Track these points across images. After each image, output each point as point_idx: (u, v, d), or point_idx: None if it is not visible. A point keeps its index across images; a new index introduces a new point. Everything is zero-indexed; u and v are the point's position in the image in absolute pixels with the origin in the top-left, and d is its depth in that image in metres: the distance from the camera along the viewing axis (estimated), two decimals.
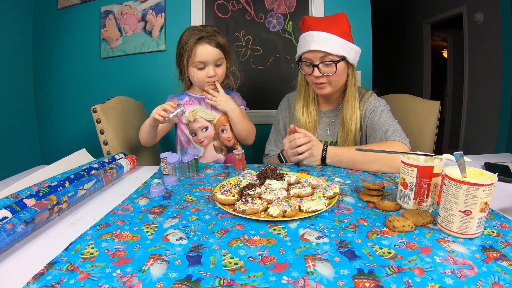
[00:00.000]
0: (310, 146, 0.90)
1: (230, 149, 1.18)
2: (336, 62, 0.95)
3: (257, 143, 1.30)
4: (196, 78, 1.10)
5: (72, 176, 0.74)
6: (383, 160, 0.86)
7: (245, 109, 1.25)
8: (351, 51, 0.97)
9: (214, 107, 1.16)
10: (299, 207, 0.59)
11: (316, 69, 0.97)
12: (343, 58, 0.96)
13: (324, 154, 0.93)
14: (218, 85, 1.12)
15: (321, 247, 0.47)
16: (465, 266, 0.42)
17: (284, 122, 1.20)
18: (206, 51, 1.05)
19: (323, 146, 0.93)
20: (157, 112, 0.94)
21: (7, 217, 0.51)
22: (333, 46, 0.93)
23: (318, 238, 0.50)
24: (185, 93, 1.19)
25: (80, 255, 0.46)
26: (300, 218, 0.57)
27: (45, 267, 0.43)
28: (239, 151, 0.93)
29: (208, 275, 0.41)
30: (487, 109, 2.86)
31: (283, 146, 0.95)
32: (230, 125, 1.18)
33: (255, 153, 1.55)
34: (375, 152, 0.84)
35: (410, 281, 0.38)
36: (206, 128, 1.16)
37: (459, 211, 0.48)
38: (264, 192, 0.67)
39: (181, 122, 1.16)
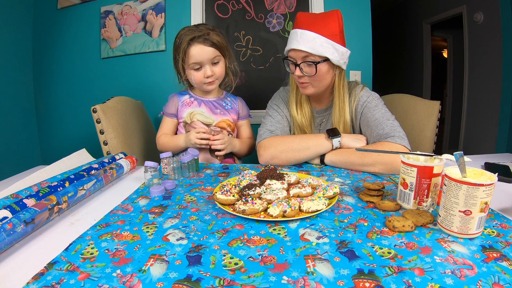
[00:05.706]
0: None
1: (226, 155, 1.15)
2: (316, 63, 0.91)
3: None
4: (194, 79, 1.08)
5: (72, 176, 0.74)
6: (382, 165, 0.85)
7: (250, 118, 1.25)
8: (336, 52, 0.91)
9: (213, 111, 1.15)
10: (299, 207, 0.59)
11: (298, 68, 0.94)
12: (326, 59, 0.92)
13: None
14: (218, 135, 1.07)
15: (321, 247, 0.47)
16: (465, 266, 0.42)
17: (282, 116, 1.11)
18: (200, 51, 1.02)
19: None
20: (198, 141, 1.04)
21: (7, 217, 0.51)
22: (314, 46, 0.89)
23: (318, 238, 0.50)
24: (186, 92, 1.18)
25: (80, 255, 0.46)
26: (300, 218, 0.57)
27: (45, 267, 0.43)
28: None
29: (208, 275, 0.41)
30: (487, 109, 2.86)
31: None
32: (227, 132, 1.17)
33: (254, 153, 1.55)
34: (374, 152, 0.83)
35: (410, 281, 0.38)
36: None
37: (459, 211, 0.48)
38: (264, 192, 0.67)
39: (180, 123, 1.16)
